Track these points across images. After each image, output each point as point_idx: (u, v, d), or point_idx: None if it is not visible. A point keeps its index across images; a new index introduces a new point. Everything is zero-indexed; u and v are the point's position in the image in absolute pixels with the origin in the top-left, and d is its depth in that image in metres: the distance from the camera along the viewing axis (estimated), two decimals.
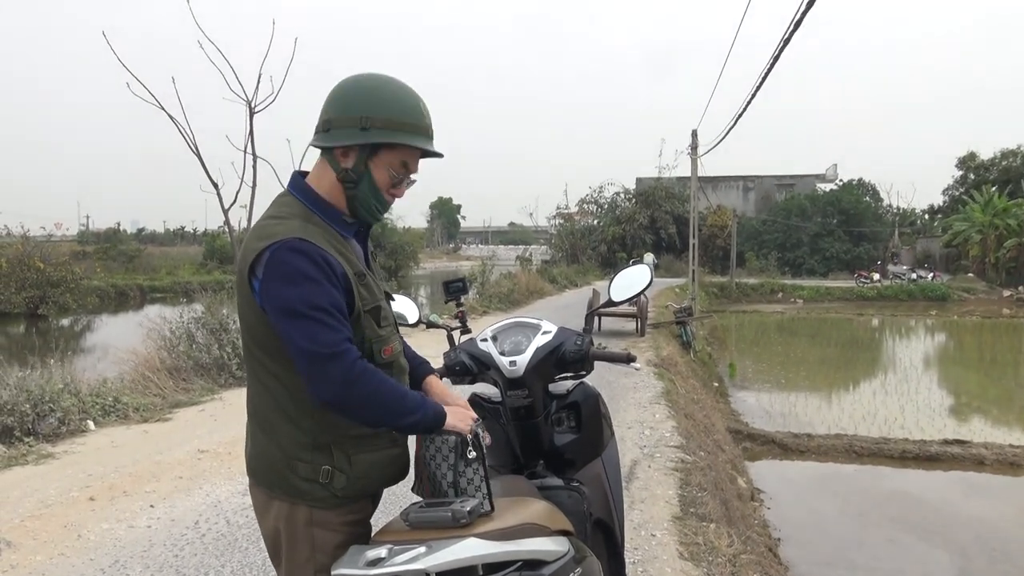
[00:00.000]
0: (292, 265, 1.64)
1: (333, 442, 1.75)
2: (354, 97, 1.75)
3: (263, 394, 1.77)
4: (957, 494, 8.35)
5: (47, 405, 6.12)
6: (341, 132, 1.74)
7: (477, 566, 1.64)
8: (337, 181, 1.78)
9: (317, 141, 1.78)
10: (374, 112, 1.73)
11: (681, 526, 4.43)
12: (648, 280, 2.52)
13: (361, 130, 1.72)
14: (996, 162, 49.79)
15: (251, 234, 1.77)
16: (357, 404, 1.66)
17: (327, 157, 1.79)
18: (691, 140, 21.19)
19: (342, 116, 1.74)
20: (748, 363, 17.53)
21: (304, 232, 1.69)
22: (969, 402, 14.12)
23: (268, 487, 1.79)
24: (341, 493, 1.76)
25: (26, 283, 23.30)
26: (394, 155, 1.77)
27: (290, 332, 1.64)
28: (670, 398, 8.24)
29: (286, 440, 1.75)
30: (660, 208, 47.56)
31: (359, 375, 1.63)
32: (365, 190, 1.78)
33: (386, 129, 1.73)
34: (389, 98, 1.76)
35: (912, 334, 26.30)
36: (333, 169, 1.78)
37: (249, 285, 1.70)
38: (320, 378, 1.62)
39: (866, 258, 48.16)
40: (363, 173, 1.77)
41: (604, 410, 2.49)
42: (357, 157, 1.76)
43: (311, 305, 1.62)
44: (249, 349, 1.78)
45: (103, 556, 3.83)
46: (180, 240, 69.14)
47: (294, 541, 1.77)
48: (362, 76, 1.80)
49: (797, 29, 9.34)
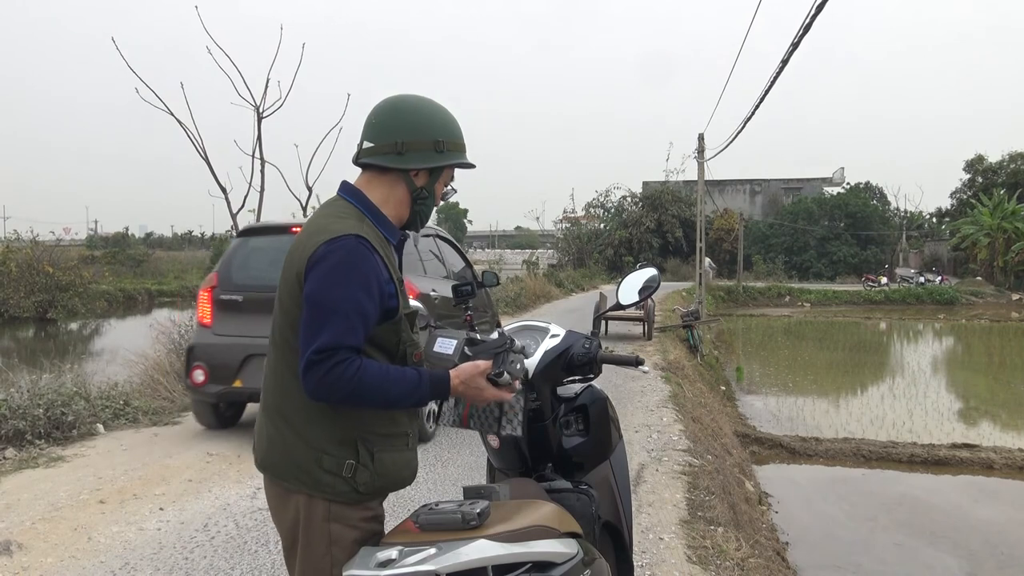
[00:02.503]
0: (343, 263, 1.74)
1: (360, 438, 1.80)
2: (425, 122, 1.90)
3: (295, 387, 1.78)
4: (966, 498, 8.31)
5: (59, 409, 6.15)
6: (419, 155, 1.88)
7: (487, 567, 1.65)
8: (407, 197, 1.92)
9: (393, 163, 1.88)
10: (445, 135, 1.91)
11: (689, 530, 4.43)
12: (655, 284, 2.53)
13: (437, 152, 1.90)
14: (1004, 165, 49.60)
15: (306, 230, 1.86)
16: (341, 399, 1.73)
17: (396, 176, 1.90)
18: (698, 144, 21.19)
19: (417, 140, 1.88)
20: (755, 367, 17.50)
21: (360, 230, 1.80)
22: (978, 406, 14.04)
23: (287, 481, 1.83)
24: (363, 488, 1.80)
25: (35, 287, 23.42)
26: (450, 172, 1.98)
27: (308, 319, 1.73)
28: (677, 402, 8.23)
29: (315, 433, 1.79)
30: (667, 212, 47.53)
31: (337, 378, 1.69)
32: (430, 204, 1.97)
33: (455, 151, 1.94)
34: (450, 121, 1.94)
35: (920, 338, 26.20)
36: (407, 186, 1.91)
37: (304, 278, 1.77)
38: (305, 375, 1.71)
39: (874, 262, 48.02)
40: (431, 190, 1.95)
41: (612, 413, 2.50)
42: (429, 176, 1.93)
43: (334, 303, 1.72)
44: (287, 340, 1.82)
45: (113, 559, 3.85)
46: (188, 244, 69.26)
47: (311, 536, 1.80)
48: (418, 99, 1.94)
49: (807, 33, 9.36)
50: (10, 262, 23.65)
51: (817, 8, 8.38)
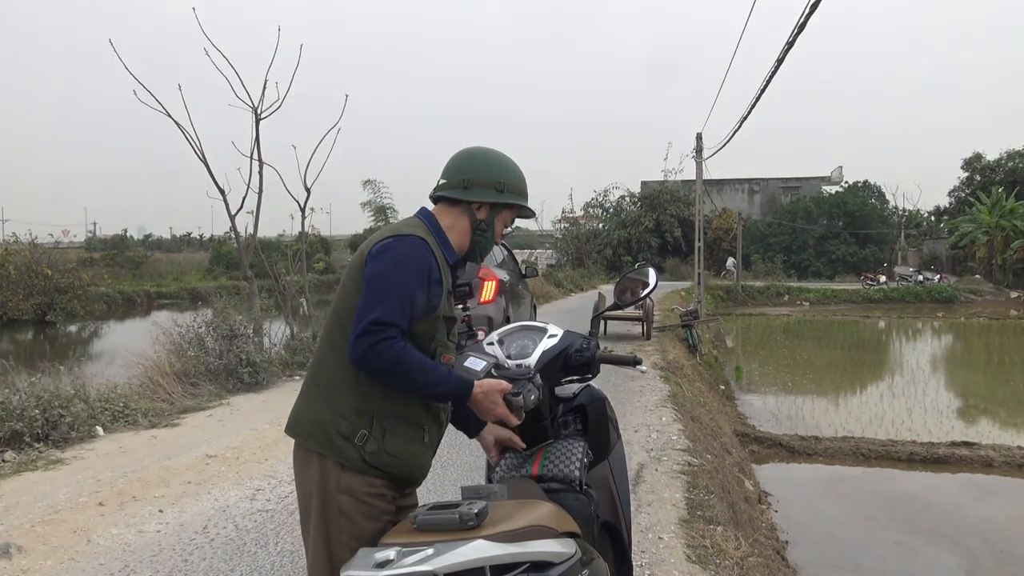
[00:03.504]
0: (406, 253, 2.01)
1: (376, 413, 2.01)
2: (491, 165, 2.21)
3: (333, 357, 2.05)
4: (965, 496, 8.32)
5: (57, 411, 6.15)
6: (480, 191, 2.17)
7: (485, 568, 1.66)
8: (468, 227, 2.20)
9: (457, 194, 2.17)
10: (507, 179, 2.20)
11: (688, 529, 4.43)
12: (653, 283, 2.53)
13: (497, 191, 2.19)
14: (1002, 163, 49.62)
15: (380, 231, 2.15)
16: (381, 369, 1.93)
17: (462, 208, 2.19)
18: (696, 143, 21.21)
19: (481, 179, 2.17)
20: (754, 366, 17.52)
21: (426, 237, 2.08)
22: (977, 404, 14.06)
23: (307, 441, 2.05)
24: (369, 459, 1.99)
25: (34, 290, 23.39)
26: (510, 213, 2.26)
27: (363, 298, 1.97)
28: (676, 401, 8.24)
29: (340, 399, 2.02)
30: (665, 211, 47.53)
31: (385, 350, 1.90)
32: (489, 237, 2.24)
33: (515, 194, 2.22)
34: (514, 169, 2.25)
35: (919, 336, 26.24)
36: (469, 218, 2.20)
37: (366, 262, 2.03)
38: (356, 342, 1.92)
39: (872, 260, 48.02)
40: (490, 224, 2.22)
41: (610, 413, 2.50)
42: (489, 212, 2.20)
43: (393, 284, 1.96)
44: (339, 319, 2.06)
45: (113, 561, 3.85)
46: (187, 246, 69.22)
47: (326, 504, 2.00)
48: (486, 149, 2.25)
49: (801, 32, 9.37)
50: (9, 264, 23.62)
51: (811, 7, 8.39)
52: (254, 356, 8.69)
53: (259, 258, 11.77)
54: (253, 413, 7.31)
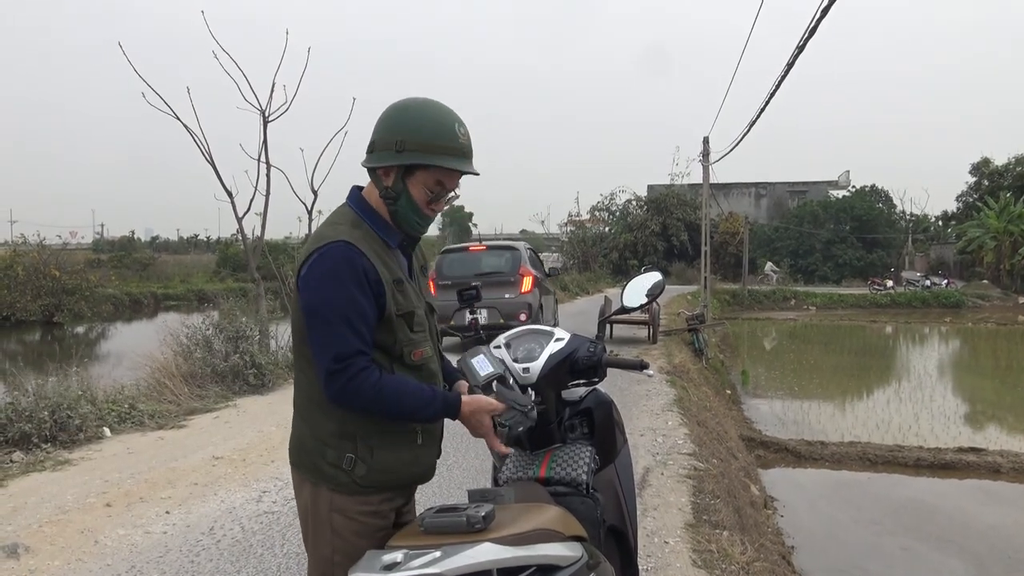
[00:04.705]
0: (332, 268, 1.82)
1: (359, 433, 1.89)
2: (394, 121, 1.90)
3: (305, 384, 1.94)
4: (972, 502, 8.28)
5: (65, 412, 6.18)
6: (381, 154, 1.90)
7: (492, 570, 1.66)
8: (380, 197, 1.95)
9: (364, 161, 1.95)
10: (409, 136, 1.86)
11: (694, 533, 4.42)
12: (660, 287, 2.53)
13: (396, 152, 1.87)
14: (1011, 168, 49.35)
15: (307, 244, 1.96)
16: (360, 407, 1.83)
17: (372, 175, 1.96)
18: (703, 147, 21.18)
19: (382, 139, 1.90)
20: (761, 370, 17.47)
21: (350, 236, 1.86)
22: (984, 410, 13.99)
23: (299, 468, 1.97)
24: (361, 481, 1.89)
25: (42, 291, 23.52)
26: (429, 175, 1.91)
27: (312, 335, 1.84)
28: (682, 405, 8.22)
29: (319, 427, 1.91)
30: (672, 215, 47.44)
31: (360, 385, 1.79)
32: (404, 206, 1.93)
33: (419, 151, 1.86)
34: (424, 121, 1.88)
35: (926, 341, 26.12)
36: (376, 186, 1.96)
37: (298, 287, 1.88)
38: (328, 382, 1.81)
39: (879, 265, 47.86)
40: (401, 191, 1.92)
41: (617, 417, 2.49)
42: (395, 176, 1.91)
43: (335, 310, 1.80)
44: (296, 343, 1.96)
45: (120, 562, 3.87)
46: (194, 248, 69.35)
47: (318, 524, 1.93)
48: (404, 100, 1.94)
49: (812, 36, 9.35)
50: (17, 266, 23.76)
51: (822, 12, 8.38)
52: (260, 358, 8.72)
53: (266, 260, 11.79)
54: (259, 415, 7.33)
